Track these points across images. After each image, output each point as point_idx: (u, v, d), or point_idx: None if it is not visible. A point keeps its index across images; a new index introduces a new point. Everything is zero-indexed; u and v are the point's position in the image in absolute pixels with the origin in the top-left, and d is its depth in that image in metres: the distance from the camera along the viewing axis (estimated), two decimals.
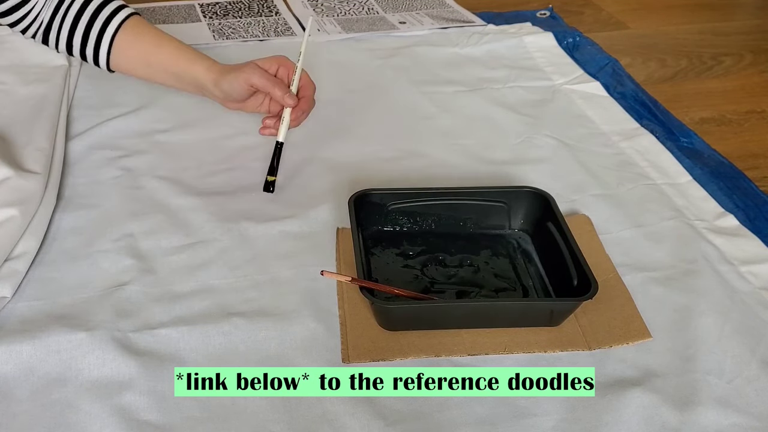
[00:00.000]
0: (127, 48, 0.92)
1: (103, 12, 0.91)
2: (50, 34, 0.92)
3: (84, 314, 0.70)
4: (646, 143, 0.99)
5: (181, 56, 0.91)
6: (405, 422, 0.62)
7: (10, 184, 0.78)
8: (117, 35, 0.91)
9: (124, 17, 0.91)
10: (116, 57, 0.93)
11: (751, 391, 0.65)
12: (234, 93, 0.89)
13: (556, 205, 0.79)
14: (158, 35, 0.92)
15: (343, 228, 0.81)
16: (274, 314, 0.71)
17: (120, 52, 0.92)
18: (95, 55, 0.93)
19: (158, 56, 0.92)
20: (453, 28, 1.30)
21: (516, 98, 1.10)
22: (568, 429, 0.61)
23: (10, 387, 0.63)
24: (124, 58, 0.93)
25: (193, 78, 0.90)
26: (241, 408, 0.62)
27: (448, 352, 0.68)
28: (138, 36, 0.92)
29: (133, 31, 0.92)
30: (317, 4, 1.39)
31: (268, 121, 0.90)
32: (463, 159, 0.95)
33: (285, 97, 0.86)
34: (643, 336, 0.70)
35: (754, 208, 0.87)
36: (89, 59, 0.94)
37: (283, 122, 0.87)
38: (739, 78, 1.22)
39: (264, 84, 0.86)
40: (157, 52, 0.91)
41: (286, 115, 0.87)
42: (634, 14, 1.44)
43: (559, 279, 0.74)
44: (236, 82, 0.87)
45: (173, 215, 0.83)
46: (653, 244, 0.81)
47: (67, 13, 0.91)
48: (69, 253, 0.78)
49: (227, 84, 0.88)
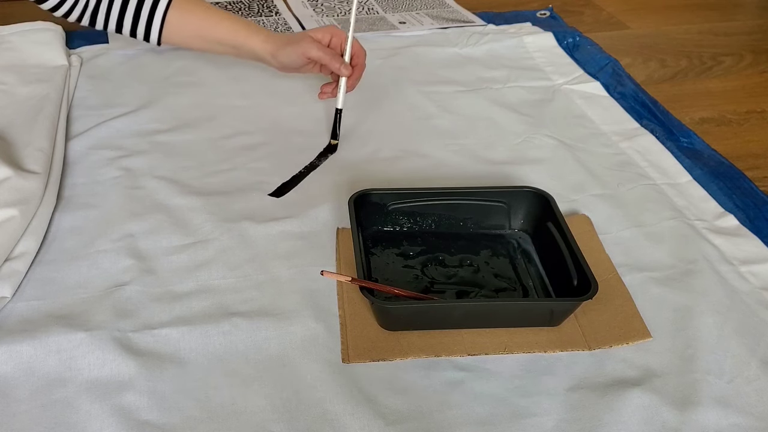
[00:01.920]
0: (180, 25, 0.97)
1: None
2: (98, 15, 0.96)
3: (84, 314, 0.70)
4: (646, 143, 0.99)
5: (238, 30, 0.96)
6: (405, 422, 0.62)
7: (10, 184, 0.78)
8: (168, 14, 0.96)
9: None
10: (168, 34, 0.98)
11: (751, 391, 0.65)
12: (292, 64, 0.96)
13: (556, 205, 0.79)
14: (209, 10, 0.97)
15: (343, 228, 0.81)
16: (274, 314, 0.71)
17: (172, 30, 0.97)
18: (146, 34, 0.97)
19: (213, 31, 0.97)
20: (453, 28, 1.30)
21: (516, 98, 1.10)
22: (568, 429, 0.61)
23: (10, 387, 0.63)
24: (177, 35, 0.98)
25: (250, 50, 0.97)
26: (241, 408, 0.62)
27: (448, 352, 0.68)
28: (189, 13, 0.97)
29: (183, 8, 0.96)
30: (317, 4, 1.39)
31: (326, 88, 0.98)
32: (463, 159, 0.95)
33: (341, 68, 0.94)
34: (643, 336, 0.70)
35: (754, 208, 0.87)
36: (139, 37, 0.98)
37: (340, 90, 0.96)
38: (739, 78, 1.22)
39: (321, 56, 0.93)
40: (212, 27, 0.97)
41: (342, 84, 0.95)
42: (634, 14, 1.44)
43: (559, 279, 0.74)
44: (294, 55, 0.94)
45: (173, 215, 0.83)
46: (653, 244, 0.81)
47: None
48: (69, 253, 0.78)
49: (285, 56, 0.95)
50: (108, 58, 1.16)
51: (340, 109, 0.96)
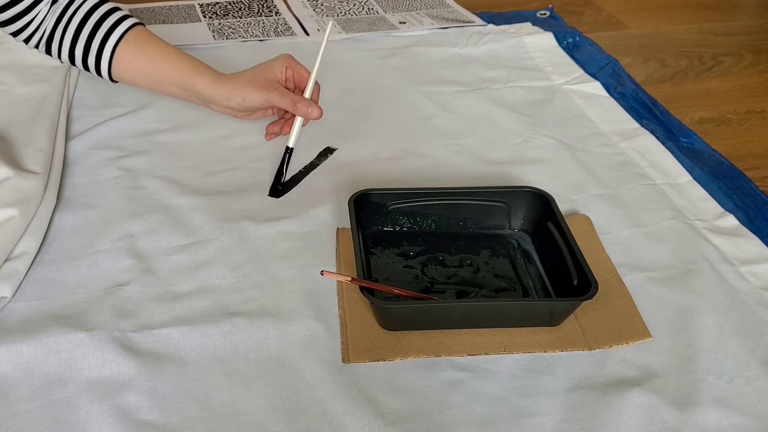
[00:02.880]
0: (129, 60, 0.91)
1: (105, 23, 0.89)
2: (53, 43, 0.91)
3: (84, 314, 0.70)
4: (646, 143, 0.99)
5: (184, 69, 0.89)
6: (405, 422, 0.62)
7: (10, 184, 0.78)
8: (118, 47, 0.90)
9: (126, 28, 0.90)
10: (118, 69, 0.91)
11: (751, 391, 0.65)
12: (249, 108, 0.89)
13: (556, 205, 0.79)
14: (161, 48, 0.91)
15: (343, 228, 0.81)
16: (274, 314, 0.71)
17: (122, 64, 0.91)
18: (97, 67, 0.92)
19: (161, 69, 0.90)
20: (453, 28, 1.30)
21: (516, 98, 1.10)
22: (568, 429, 0.61)
23: (10, 387, 0.63)
24: (126, 70, 0.92)
25: (197, 92, 0.89)
26: (241, 408, 0.62)
27: (448, 352, 0.68)
28: (139, 48, 0.90)
29: (135, 43, 0.90)
30: (317, 4, 1.39)
31: (273, 128, 0.91)
32: (463, 159, 0.95)
33: (309, 111, 0.86)
34: (643, 336, 0.70)
35: (754, 208, 0.87)
36: (91, 70, 0.93)
37: (294, 128, 0.88)
38: (739, 78, 1.22)
39: (287, 104, 0.86)
40: (160, 64, 0.90)
41: (298, 122, 0.87)
42: (634, 14, 1.44)
43: (559, 279, 0.74)
44: (253, 101, 0.87)
45: (173, 215, 0.83)
46: (653, 244, 0.81)
47: (70, 23, 0.90)
48: (69, 253, 0.78)
49: (240, 99, 0.87)
50: None
51: (292, 149, 0.88)
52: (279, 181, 0.88)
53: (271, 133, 0.92)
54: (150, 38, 0.91)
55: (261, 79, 0.87)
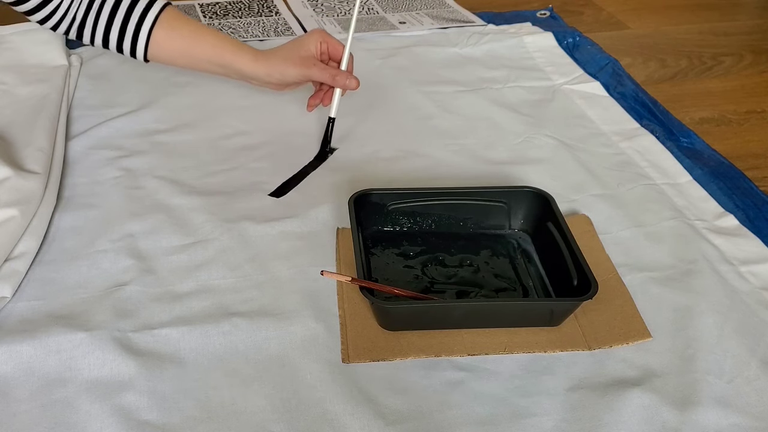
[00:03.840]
0: (165, 43, 0.93)
1: (137, 7, 0.91)
2: (85, 29, 0.93)
3: (84, 314, 0.70)
4: (646, 143, 0.99)
5: (224, 48, 0.93)
6: (405, 422, 0.62)
7: (10, 184, 0.78)
8: (154, 30, 0.92)
9: (158, 11, 0.92)
10: (154, 51, 0.94)
11: (751, 391, 0.65)
12: (288, 83, 0.94)
13: (556, 205, 0.79)
14: (196, 28, 0.94)
15: (343, 228, 0.81)
16: (274, 314, 0.71)
17: (158, 47, 0.93)
18: (132, 50, 0.94)
19: (199, 49, 0.94)
20: (453, 28, 1.30)
21: (516, 98, 1.10)
22: (568, 429, 0.61)
23: (10, 387, 0.63)
24: (162, 52, 0.94)
25: (238, 70, 0.93)
26: (241, 408, 0.62)
27: (448, 352, 0.68)
28: (175, 30, 0.93)
29: (169, 25, 0.93)
30: (317, 4, 1.39)
31: (314, 101, 0.97)
32: (463, 159, 0.95)
33: (347, 82, 0.92)
34: (643, 336, 0.70)
35: (754, 208, 0.87)
36: (126, 54, 0.95)
37: (335, 99, 0.94)
38: (739, 78, 1.22)
39: (325, 78, 0.92)
40: (198, 45, 0.93)
41: (337, 93, 0.94)
42: (634, 14, 1.44)
43: (559, 279, 0.74)
44: (292, 77, 0.92)
45: (173, 215, 0.83)
46: (653, 244, 0.81)
47: (102, 9, 0.91)
48: (69, 253, 0.78)
49: (279, 75, 0.92)
50: (108, 58, 1.15)
51: (334, 118, 0.95)
52: (325, 148, 0.95)
53: (312, 105, 0.98)
54: (183, 19, 0.94)
55: (298, 55, 0.92)
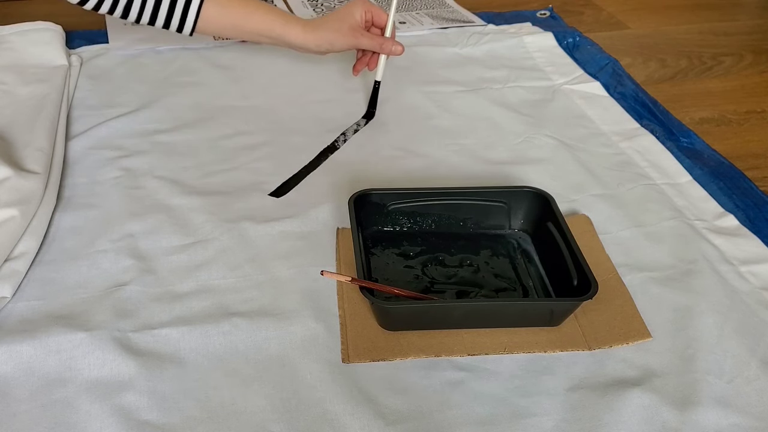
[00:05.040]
0: (215, 18, 0.97)
1: None
2: (131, 8, 0.95)
3: (84, 314, 0.70)
4: (646, 143, 0.99)
5: (274, 21, 0.98)
6: (405, 422, 0.62)
7: (10, 184, 0.78)
8: (203, 8, 0.95)
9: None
10: (203, 26, 0.97)
11: (751, 391, 0.65)
12: (336, 51, 1.01)
13: (556, 205, 0.79)
14: (245, 3, 0.98)
15: (343, 228, 0.81)
16: (274, 314, 0.71)
17: (207, 23, 0.97)
18: (180, 26, 0.97)
19: (250, 24, 0.98)
20: (453, 28, 1.30)
21: (516, 98, 1.10)
22: (568, 429, 0.61)
23: (10, 387, 0.63)
24: (212, 26, 0.98)
25: (288, 42, 0.99)
26: (241, 408, 0.62)
27: (448, 352, 0.68)
28: (224, 7, 0.97)
29: (218, 2, 0.96)
30: (317, 4, 1.39)
31: (360, 66, 1.05)
32: (463, 159, 0.95)
33: (393, 48, 0.99)
34: (643, 336, 0.70)
35: (754, 208, 0.87)
36: (172, 30, 0.98)
37: (380, 64, 1.02)
38: (739, 78, 1.22)
39: (373, 45, 0.99)
40: (248, 20, 0.98)
41: (382, 59, 1.01)
42: (634, 14, 1.44)
43: (559, 279, 0.74)
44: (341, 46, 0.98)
45: (173, 215, 0.83)
46: (653, 244, 0.81)
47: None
48: (69, 253, 0.78)
49: (328, 45, 0.98)
50: (108, 58, 1.16)
51: (380, 82, 1.02)
52: (372, 108, 1.03)
53: (358, 70, 1.05)
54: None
55: (346, 25, 0.98)
